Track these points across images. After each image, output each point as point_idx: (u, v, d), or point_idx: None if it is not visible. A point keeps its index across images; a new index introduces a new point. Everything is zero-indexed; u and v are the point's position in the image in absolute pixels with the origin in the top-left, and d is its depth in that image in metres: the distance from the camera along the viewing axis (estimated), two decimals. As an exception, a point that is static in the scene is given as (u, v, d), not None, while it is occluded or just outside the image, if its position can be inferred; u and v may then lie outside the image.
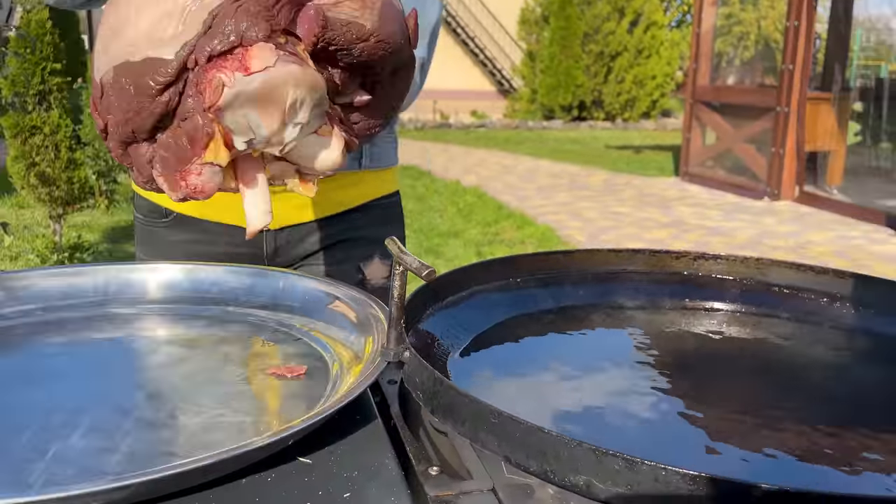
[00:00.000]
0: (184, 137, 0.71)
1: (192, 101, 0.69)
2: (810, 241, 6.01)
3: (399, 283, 0.74)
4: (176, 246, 1.22)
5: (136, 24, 0.71)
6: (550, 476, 0.60)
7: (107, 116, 0.73)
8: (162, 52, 0.70)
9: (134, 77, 0.70)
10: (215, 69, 0.69)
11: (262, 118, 0.70)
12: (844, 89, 8.27)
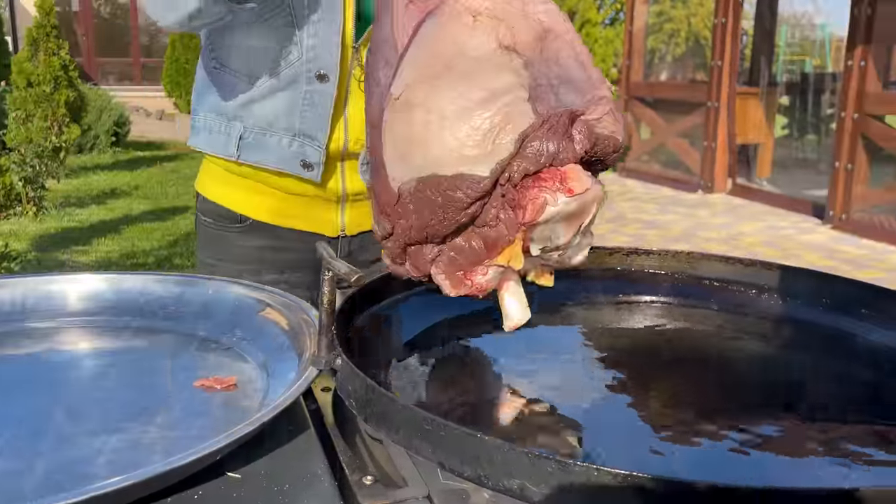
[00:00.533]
0: (481, 242, 0.76)
1: (501, 214, 0.74)
2: (742, 233, 6.18)
3: (328, 289, 0.73)
4: (247, 251, 1.22)
5: (442, 138, 0.73)
6: (485, 481, 0.59)
7: (399, 221, 0.76)
8: (475, 169, 0.73)
9: (443, 190, 0.73)
10: (537, 188, 0.74)
11: (564, 231, 0.77)
12: (771, 84, 8.53)
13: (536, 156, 0.73)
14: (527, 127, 0.73)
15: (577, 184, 0.74)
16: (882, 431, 0.74)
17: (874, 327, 0.97)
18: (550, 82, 0.76)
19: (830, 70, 13.34)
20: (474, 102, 0.73)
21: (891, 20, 6.02)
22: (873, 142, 5.91)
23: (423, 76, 0.75)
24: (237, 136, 1.16)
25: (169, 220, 6.16)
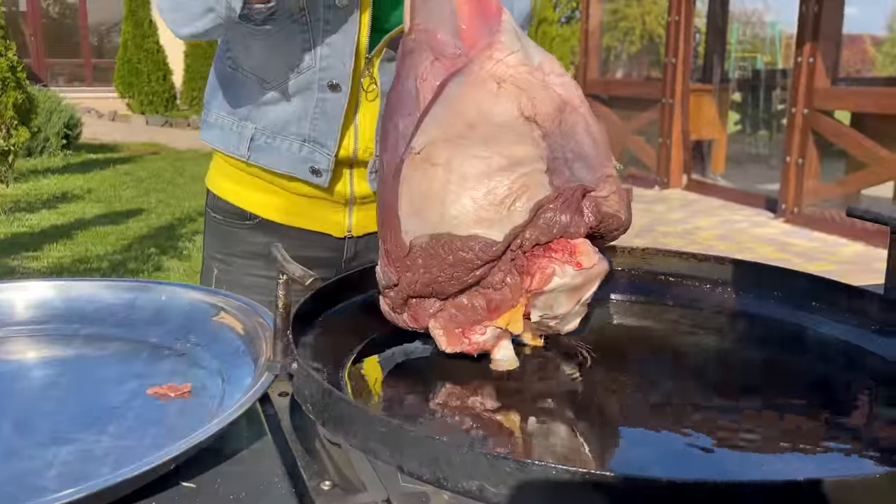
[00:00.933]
0: (483, 302, 0.78)
1: (508, 278, 0.77)
2: (698, 227, 6.28)
3: (283, 292, 0.72)
4: (255, 247, 1.23)
5: (460, 198, 0.75)
6: (444, 483, 0.59)
7: (406, 274, 0.78)
8: (490, 233, 0.75)
9: (455, 249, 0.75)
10: (547, 258, 0.77)
11: (566, 301, 0.79)
12: (724, 81, 8.68)
13: (549, 226, 0.76)
14: (542, 198, 0.76)
15: (586, 258, 0.77)
16: (834, 422, 0.75)
17: (825, 320, 0.99)
18: (566, 156, 0.80)
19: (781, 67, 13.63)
20: (494, 168, 0.75)
21: (838, 17, 6.17)
22: (823, 137, 6.05)
23: (446, 136, 0.76)
24: (248, 138, 1.18)
25: (123, 223, 6.04)
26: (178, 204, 6.78)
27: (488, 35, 0.79)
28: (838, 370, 0.89)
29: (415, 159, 0.77)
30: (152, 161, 9.36)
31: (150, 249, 5.24)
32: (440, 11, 0.82)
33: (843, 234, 5.63)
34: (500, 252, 0.75)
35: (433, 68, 0.80)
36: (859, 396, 0.83)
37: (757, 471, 0.67)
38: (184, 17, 1.02)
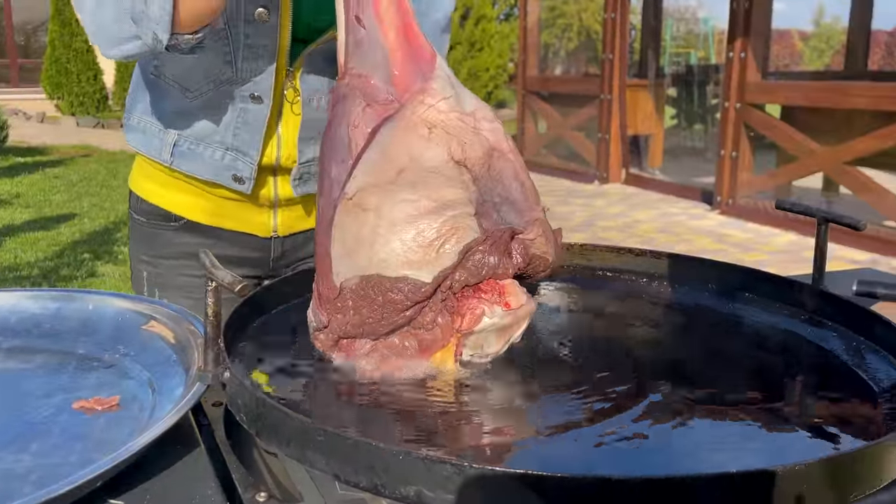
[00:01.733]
0: (415, 343, 0.79)
1: (438, 318, 0.78)
2: (637, 220, 6.39)
3: (212, 299, 0.69)
4: (182, 247, 1.23)
5: (389, 242, 0.76)
6: (381, 490, 0.58)
7: (336, 315, 0.78)
8: (419, 275, 0.76)
9: (384, 291, 0.76)
10: (476, 299, 0.78)
11: (496, 341, 0.80)
12: (659, 76, 8.86)
13: (478, 268, 0.78)
14: (471, 240, 0.77)
15: (514, 299, 0.79)
16: (770, 409, 0.77)
17: (758, 310, 1.02)
18: (493, 199, 0.82)
19: (714, 62, 13.97)
20: (423, 211, 0.77)
21: (767, 13, 6.35)
22: (755, 130, 6.23)
23: (377, 181, 0.77)
24: (171, 144, 1.18)
25: (54, 229, 5.84)
26: (112, 207, 6.59)
27: (421, 80, 0.80)
28: (774, 358, 0.91)
29: (347, 204, 0.78)
30: (84, 164, 9.07)
31: (84, 255, 5.09)
32: (373, 57, 0.82)
33: (775, 224, 5.80)
34: (428, 293, 0.77)
35: (365, 115, 0.80)
36: (791, 383, 0.85)
37: (694, 462, 0.67)
38: (107, 40, 1.00)
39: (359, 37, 0.82)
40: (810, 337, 0.95)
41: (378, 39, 0.81)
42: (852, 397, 0.80)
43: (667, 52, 13.19)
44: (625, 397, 0.79)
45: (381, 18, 0.80)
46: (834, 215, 1.06)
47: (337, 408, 0.76)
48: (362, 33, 0.81)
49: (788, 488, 0.56)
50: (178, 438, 0.72)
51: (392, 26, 0.81)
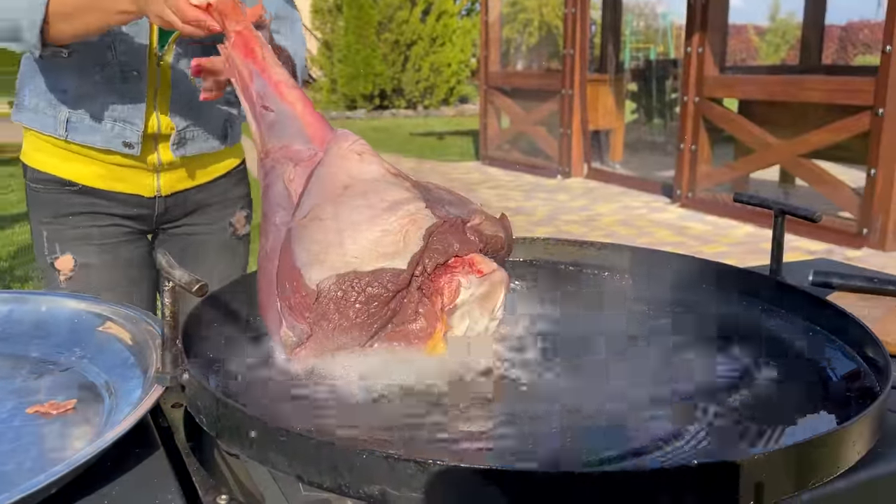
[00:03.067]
0: (405, 338, 0.80)
1: (420, 308, 0.80)
2: (599, 214, 6.44)
3: (170, 300, 0.68)
4: (79, 207, 1.38)
5: (356, 240, 0.79)
6: (345, 489, 0.57)
7: (321, 322, 0.78)
8: (395, 263, 0.79)
9: (365, 286, 0.78)
10: (449, 274, 0.81)
11: (480, 314, 0.83)
12: (619, 71, 8.92)
13: (444, 247, 0.82)
14: (431, 224, 0.82)
15: (485, 265, 0.83)
16: (728, 398, 0.78)
17: (717, 301, 1.03)
18: (433, 201, 0.87)
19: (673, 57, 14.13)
20: (380, 210, 0.81)
21: (724, 8, 6.44)
22: (713, 123, 6.31)
23: (327, 198, 0.83)
24: (64, 120, 1.33)
25: (9, 229, 5.70)
26: (69, 206, 6.43)
27: (333, 131, 0.92)
28: (729, 347, 0.92)
29: (302, 223, 0.82)
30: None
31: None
32: (287, 130, 0.92)
33: (734, 216, 5.88)
34: (407, 279, 0.79)
35: (297, 171, 0.89)
36: (748, 372, 0.86)
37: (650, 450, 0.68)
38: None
39: (269, 120, 0.92)
40: (767, 326, 0.97)
41: (287, 114, 0.92)
42: (808, 386, 0.81)
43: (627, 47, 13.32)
44: (587, 389, 0.79)
45: (285, 99, 0.93)
46: (790, 207, 1.07)
47: (305, 409, 0.75)
48: (272, 116, 0.92)
49: (748, 478, 0.57)
50: (136, 442, 0.71)
51: (296, 100, 0.93)
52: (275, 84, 0.92)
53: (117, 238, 1.40)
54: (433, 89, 17.66)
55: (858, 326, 0.88)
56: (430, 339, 0.82)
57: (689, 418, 0.73)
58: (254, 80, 0.92)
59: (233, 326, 0.88)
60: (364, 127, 14.66)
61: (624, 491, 0.55)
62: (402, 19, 16.90)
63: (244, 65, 0.93)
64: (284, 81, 0.93)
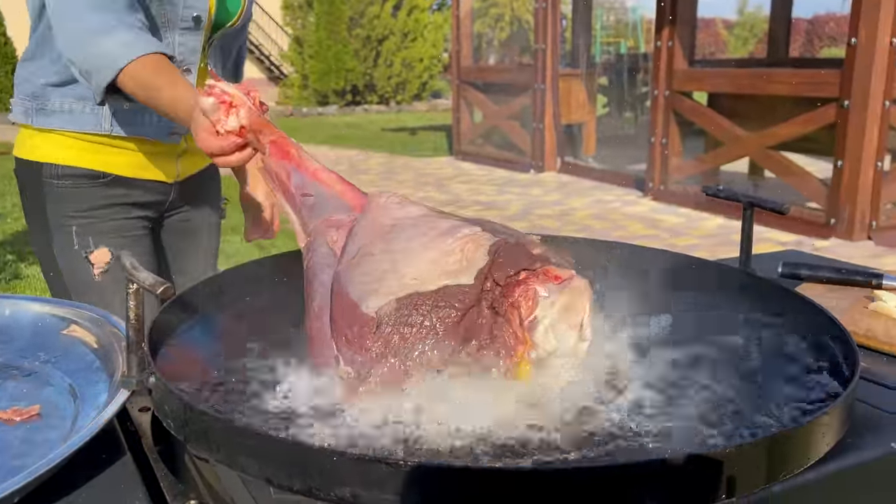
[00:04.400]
0: (483, 364, 0.71)
1: (494, 329, 0.72)
2: (573, 208, 6.47)
3: (134, 302, 0.67)
4: (113, 198, 1.41)
5: (412, 263, 0.75)
6: (316, 492, 0.56)
7: (384, 352, 0.71)
8: (460, 280, 0.72)
9: (430, 308, 0.71)
10: (524, 285, 0.73)
11: (566, 329, 0.73)
12: (591, 65, 8.96)
13: (514, 261, 0.75)
14: (494, 242, 0.76)
15: (561, 272, 0.75)
16: (697, 390, 0.78)
17: (688, 293, 1.03)
18: (488, 228, 0.82)
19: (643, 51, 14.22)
20: (434, 236, 0.77)
21: (692, 2, 6.49)
22: (684, 117, 6.36)
23: (374, 237, 0.81)
24: (109, 115, 1.37)
25: (-27, 230, 5.58)
26: (36, 206, 6.31)
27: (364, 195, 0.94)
28: (699, 339, 0.92)
29: (350, 263, 0.78)
30: (6, 161, 8.70)
31: (8, 257, 4.88)
32: (325, 206, 0.93)
33: (705, 209, 5.94)
34: (476, 296, 0.72)
35: (339, 233, 0.88)
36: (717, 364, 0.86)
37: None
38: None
39: (309, 204, 0.93)
40: (736, 318, 0.98)
41: (326, 193, 0.93)
42: (777, 378, 0.82)
43: (597, 41, 13.37)
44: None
45: (324, 182, 0.95)
46: (758, 200, 1.08)
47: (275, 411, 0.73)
48: (311, 200, 0.93)
49: (719, 471, 0.57)
50: (102, 447, 0.70)
51: (334, 181, 0.95)
52: (312, 173, 0.95)
53: (141, 229, 1.45)
54: (405, 84, 17.62)
55: (826, 317, 0.88)
56: (512, 361, 0.73)
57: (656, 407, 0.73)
58: (291, 176, 0.95)
59: (202, 328, 0.86)
60: (336, 123, 14.59)
61: (595, 486, 0.55)
62: (374, 14, 16.83)
63: (280, 166, 0.96)
64: (320, 168, 0.96)
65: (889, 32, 4.77)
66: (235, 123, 0.96)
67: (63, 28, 1.22)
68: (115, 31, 1.18)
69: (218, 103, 0.96)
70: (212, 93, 0.97)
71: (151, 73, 1.17)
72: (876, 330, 1.03)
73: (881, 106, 4.85)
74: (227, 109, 0.97)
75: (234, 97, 0.97)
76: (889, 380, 0.91)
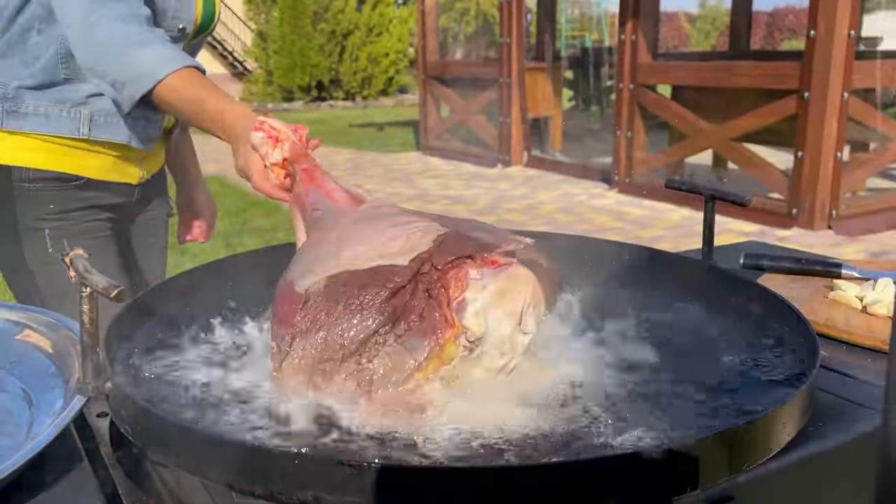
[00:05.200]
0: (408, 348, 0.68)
1: (424, 307, 0.69)
2: (540, 202, 6.49)
3: (87, 306, 0.65)
4: (84, 201, 1.41)
5: (356, 246, 0.74)
6: (278, 496, 0.55)
7: (308, 335, 0.69)
8: (395, 260, 0.71)
9: (360, 283, 0.69)
10: (458, 268, 0.71)
11: (500, 316, 0.70)
12: (556, 59, 8.99)
13: (456, 247, 0.73)
14: (444, 232, 0.75)
15: (501, 259, 0.72)
16: (659, 382, 0.78)
17: (651, 285, 1.04)
18: (463, 227, 0.80)
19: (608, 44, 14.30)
20: (388, 226, 0.76)
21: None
22: (648, 110, 6.42)
23: (337, 227, 0.82)
24: (87, 119, 1.37)
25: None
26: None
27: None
28: (661, 331, 0.93)
29: (301, 249, 0.80)
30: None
31: None
32: (331, 216, 0.92)
33: (669, 200, 6.01)
34: (408, 275, 0.70)
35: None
36: (679, 355, 0.87)
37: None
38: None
39: (315, 217, 0.93)
40: (699, 310, 0.98)
41: (332, 208, 0.93)
42: (738, 368, 0.82)
43: (562, 35, 13.42)
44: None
45: (335, 200, 0.96)
46: (720, 192, 1.09)
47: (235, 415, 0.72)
48: (318, 213, 0.93)
49: (682, 463, 0.57)
50: (59, 454, 0.68)
51: (345, 200, 0.96)
52: (327, 192, 0.98)
53: (108, 230, 1.46)
54: (371, 80, 17.54)
55: (787, 308, 0.89)
56: (437, 343, 0.69)
57: (622, 403, 0.73)
58: (309, 195, 0.99)
59: (160, 330, 0.84)
60: (301, 119, 14.47)
61: (558, 481, 0.55)
62: (338, 9, 16.71)
63: (304, 189, 1.01)
64: (336, 189, 0.99)
65: (847, 25, 4.86)
66: (279, 157, 1.04)
67: (90, 39, 1.22)
68: (151, 43, 1.21)
69: (266, 138, 1.05)
70: (261, 128, 1.06)
71: (191, 86, 1.20)
72: (836, 319, 1.05)
73: (839, 97, 4.94)
74: (274, 144, 1.05)
75: (281, 132, 1.06)
76: (849, 368, 0.92)
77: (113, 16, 1.21)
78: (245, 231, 5.98)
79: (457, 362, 0.70)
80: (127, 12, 1.22)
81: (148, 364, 0.77)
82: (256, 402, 0.71)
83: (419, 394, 0.68)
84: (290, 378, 0.70)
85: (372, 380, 0.68)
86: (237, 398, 0.73)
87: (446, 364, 0.70)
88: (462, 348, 0.70)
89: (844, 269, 1.20)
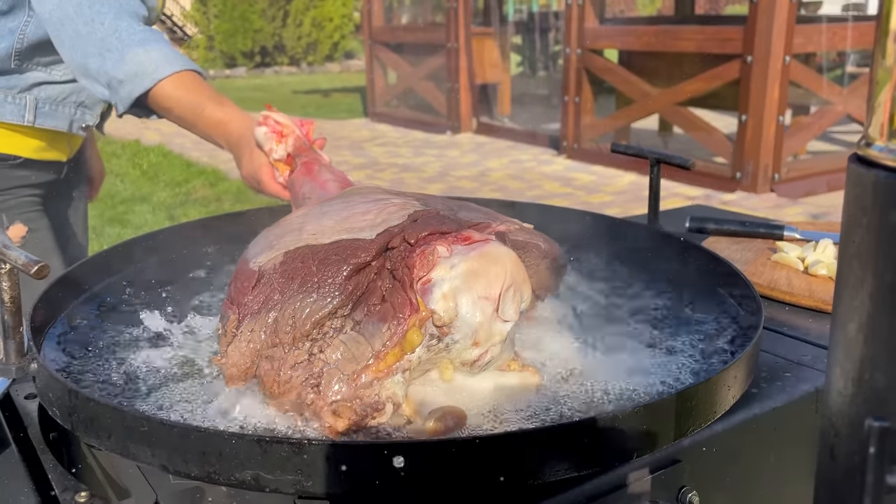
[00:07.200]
0: (369, 331, 0.61)
1: (389, 293, 0.62)
2: (490, 168, 6.49)
3: (9, 283, 0.61)
4: (25, 179, 1.43)
5: (320, 221, 0.68)
6: (216, 477, 0.53)
7: (258, 314, 0.62)
8: (361, 235, 0.64)
9: (320, 259, 0.62)
10: (428, 244, 0.63)
11: (472, 302, 0.61)
12: (503, 24, 8.94)
13: (431, 223, 0.65)
14: (418, 210, 0.68)
15: (476, 235, 0.64)
16: (606, 346, 0.78)
17: (598, 250, 1.04)
18: (449, 207, 0.75)
19: (555, 9, 14.28)
20: (360, 202, 0.72)
21: (601, -40, 6.52)
22: (595, 75, 6.44)
23: (313, 206, 0.77)
24: (32, 107, 1.38)
25: None
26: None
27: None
28: (606, 297, 0.93)
29: (268, 228, 0.74)
30: None
31: None
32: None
33: (617, 166, 6.06)
34: (372, 253, 0.62)
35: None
36: (626, 321, 0.87)
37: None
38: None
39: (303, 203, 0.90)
40: (644, 273, 0.98)
41: (321, 195, 0.89)
42: (681, 331, 0.83)
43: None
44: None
45: (327, 190, 0.92)
46: (664, 156, 1.09)
47: (169, 394, 0.70)
48: (308, 201, 0.90)
49: (628, 429, 0.57)
50: (-17, 441, 0.64)
51: (335, 189, 0.91)
52: (321, 183, 0.95)
53: (39, 205, 1.46)
54: (316, 45, 17.21)
55: (731, 270, 0.90)
56: (399, 328, 0.61)
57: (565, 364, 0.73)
58: (303, 185, 0.97)
59: (91, 306, 0.81)
60: (245, 86, 14.14)
61: (505, 452, 0.54)
62: (281, -28, 16.30)
63: (299, 179, 0.99)
64: (330, 180, 0.96)
65: (788, -11, 4.92)
66: (283, 152, 1.03)
67: (85, 36, 1.19)
68: (152, 43, 1.18)
69: (270, 133, 1.03)
70: (266, 123, 1.04)
71: (191, 90, 1.17)
72: (778, 281, 1.06)
73: (781, 62, 5.01)
74: (279, 139, 1.03)
75: (285, 127, 1.04)
76: (791, 329, 0.93)
77: (112, 12, 1.19)
78: (189, 202, 5.84)
79: (421, 352, 0.61)
80: (125, 9, 1.20)
81: (78, 342, 0.73)
82: (191, 381, 0.69)
83: (376, 388, 0.60)
84: (234, 364, 0.62)
85: (323, 371, 0.60)
86: (173, 379, 0.70)
87: (409, 353, 0.61)
88: (428, 336, 0.61)
89: (786, 231, 1.22)
